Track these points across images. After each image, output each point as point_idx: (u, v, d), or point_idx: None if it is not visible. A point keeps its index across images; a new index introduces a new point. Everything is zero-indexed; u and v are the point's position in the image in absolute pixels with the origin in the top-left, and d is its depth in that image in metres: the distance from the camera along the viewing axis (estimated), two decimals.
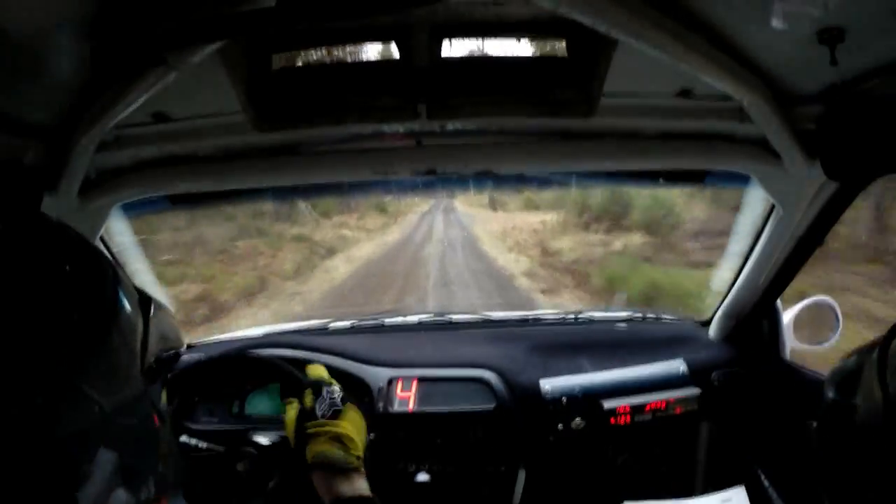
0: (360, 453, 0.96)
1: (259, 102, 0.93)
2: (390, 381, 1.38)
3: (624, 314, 1.71)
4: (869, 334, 0.65)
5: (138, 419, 0.54)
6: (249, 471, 1.11)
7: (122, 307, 0.53)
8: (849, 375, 0.67)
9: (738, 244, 1.41)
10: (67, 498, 0.43)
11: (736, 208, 1.40)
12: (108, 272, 0.53)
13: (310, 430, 0.94)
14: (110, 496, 0.47)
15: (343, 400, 0.99)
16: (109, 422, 0.48)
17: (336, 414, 0.96)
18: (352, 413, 0.99)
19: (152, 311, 0.61)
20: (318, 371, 1.06)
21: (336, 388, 1.01)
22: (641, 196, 8.76)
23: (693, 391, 1.38)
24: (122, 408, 0.50)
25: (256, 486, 1.11)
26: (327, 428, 0.94)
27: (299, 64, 1.00)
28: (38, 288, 0.46)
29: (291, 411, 0.99)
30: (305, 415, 0.97)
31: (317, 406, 0.97)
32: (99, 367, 0.48)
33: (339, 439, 0.93)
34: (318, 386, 1.00)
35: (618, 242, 9.05)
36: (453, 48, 0.92)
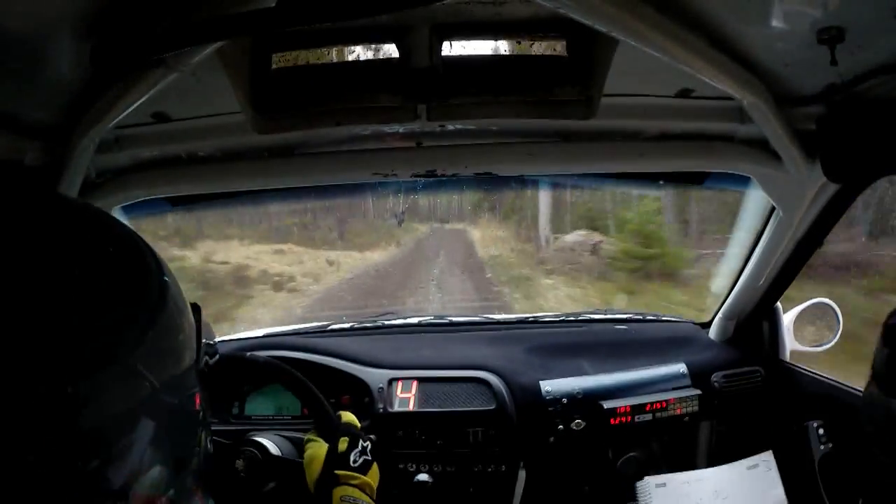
0: None
1: (259, 103, 0.93)
2: (390, 382, 1.38)
3: (624, 315, 1.71)
4: None
5: (182, 399, 0.55)
6: (248, 469, 1.11)
7: (168, 288, 0.54)
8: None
9: (738, 246, 1.41)
10: (105, 474, 0.44)
11: None
12: (150, 257, 0.54)
13: (340, 475, 0.97)
14: (148, 474, 0.48)
15: (373, 454, 1.03)
16: (157, 399, 0.49)
17: (366, 466, 1.00)
18: (375, 468, 1.03)
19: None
20: (350, 418, 1.08)
21: (369, 442, 1.04)
22: None
23: (693, 392, 1.38)
24: (168, 387, 0.51)
25: (253, 487, 1.11)
26: (358, 478, 0.98)
27: (299, 64, 1.00)
28: (87, 268, 0.47)
29: (319, 450, 1.01)
30: (336, 459, 0.99)
31: (351, 455, 1.00)
32: (150, 346, 0.50)
33: (365, 489, 0.97)
34: (354, 436, 1.03)
35: None
36: (453, 48, 0.92)
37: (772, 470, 1.25)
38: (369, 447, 1.02)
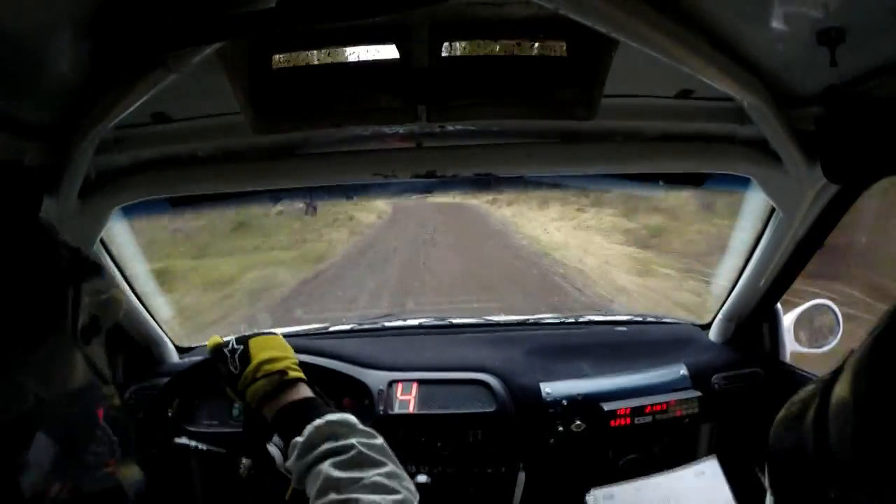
0: (286, 363, 0.95)
1: (259, 103, 0.93)
2: (390, 384, 1.38)
3: (624, 317, 1.70)
4: None
5: (80, 409, 0.55)
6: (250, 472, 1.11)
7: (67, 300, 0.53)
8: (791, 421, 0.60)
9: (738, 247, 1.41)
10: (6, 480, 0.45)
11: None
12: (62, 262, 0.54)
13: (240, 389, 0.94)
14: (49, 474, 0.48)
15: (240, 341, 0.98)
16: (47, 410, 0.49)
17: (245, 361, 0.95)
18: (256, 344, 0.97)
19: (87, 275, 0.60)
20: (213, 341, 1.02)
21: (231, 338, 0.99)
22: None
23: (693, 394, 1.38)
24: (62, 398, 0.51)
25: (257, 488, 1.11)
26: (246, 374, 0.94)
27: (299, 65, 1.00)
28: None
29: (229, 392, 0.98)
30: (231, 381, 0.96)
31: (230, 368, 0.96)
32: (37, 359, 0.49)
33: (262, 375, 0.93)
34: (218, 352, 0.98)
35: None
36: (453, 49, 0.92)
37: (718, 476, 1.25)
38: (232, 341, 0.97)
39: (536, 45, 0.97)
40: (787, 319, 1.48)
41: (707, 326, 1.58)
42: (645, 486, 1.27)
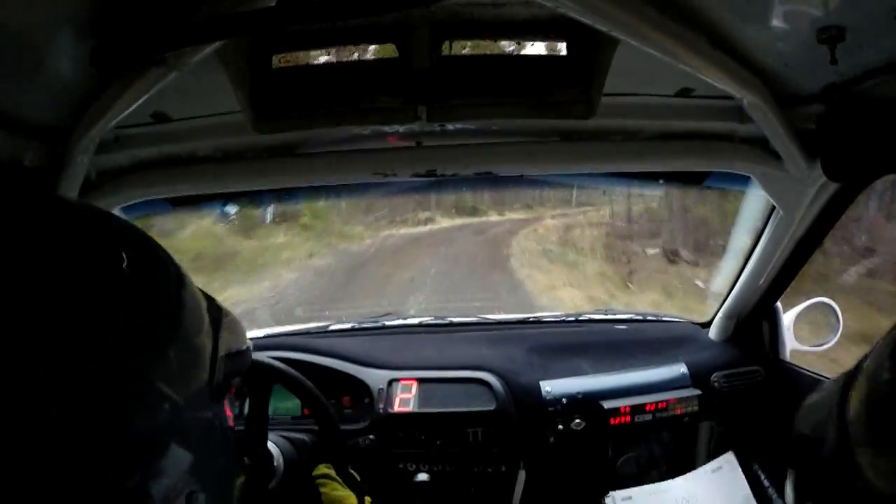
0: None
1: (259, 103, 0.93)
2: (390, 383, 1.38)
3: (624, 315, 1.71)
4: None
5: (211, 419, 0.51)
6: (252, 465, 1.11)
7: (186, 300, 0.49)
8: (816, 407, 0.63)
9: (738, 245, 1.41)
10: (141, 496, 0.40)
11: None
12: (169, 264, 0.49)
13: None
14: (181, 498, 0.44)
15: None
16: (182, 419, 0.45)
17: None
18: None
19: (222, 318, 0.56)
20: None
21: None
22: None
23: (693, 392, 1.38)
24: (192, 407, 0.47)
25: (256, 483, 1.11)
26: None
27: (299, 64, 1.00)
28: (99, 280, 0.42)
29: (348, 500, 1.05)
30: None
31: None
32: (168, 363, 0.45)
33: None
34: None
35: None
36: (453, 49, 0.91)
37: (735, 470, 1.25)
38: None
39: (536, 44, 0.96)
40: (787, 318, 1.48)
41: (707, 325, 1.59)
42: (663, 487, 1.28)
